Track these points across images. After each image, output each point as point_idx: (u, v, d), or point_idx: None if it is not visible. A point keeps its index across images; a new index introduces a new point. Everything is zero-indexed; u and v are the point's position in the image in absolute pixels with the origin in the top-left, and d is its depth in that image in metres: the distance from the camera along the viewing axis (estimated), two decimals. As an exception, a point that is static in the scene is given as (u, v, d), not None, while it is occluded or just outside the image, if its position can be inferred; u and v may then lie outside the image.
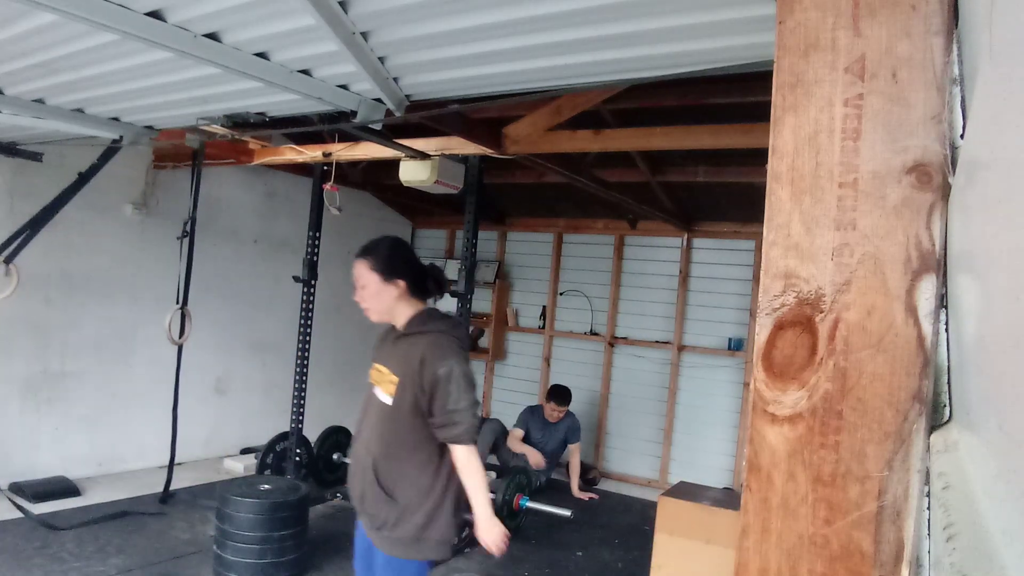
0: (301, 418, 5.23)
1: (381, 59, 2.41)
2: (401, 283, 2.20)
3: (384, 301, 2.21)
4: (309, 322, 5.27)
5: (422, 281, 2.28)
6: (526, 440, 5.90)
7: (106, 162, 4.26)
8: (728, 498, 3.28)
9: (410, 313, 2.24)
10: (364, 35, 2.20)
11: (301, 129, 3.45)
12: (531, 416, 5.97)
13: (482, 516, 2.16)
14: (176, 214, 5.06)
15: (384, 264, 2.21)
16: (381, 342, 2.40)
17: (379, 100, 2.80)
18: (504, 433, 5.99)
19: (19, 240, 4.20)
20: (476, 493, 2.17)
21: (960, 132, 0.71)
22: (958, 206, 0.69)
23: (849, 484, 0.74)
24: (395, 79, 2.61)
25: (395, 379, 2.18)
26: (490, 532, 2.16)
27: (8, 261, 4.20)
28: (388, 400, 2.19)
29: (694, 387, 6.43)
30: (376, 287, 2.20)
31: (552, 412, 5.88)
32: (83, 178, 4.31)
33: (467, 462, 2.15)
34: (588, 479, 6.36)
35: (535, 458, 5.79)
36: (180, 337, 4.51)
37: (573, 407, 6.94)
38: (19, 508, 4.26)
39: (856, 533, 0.73)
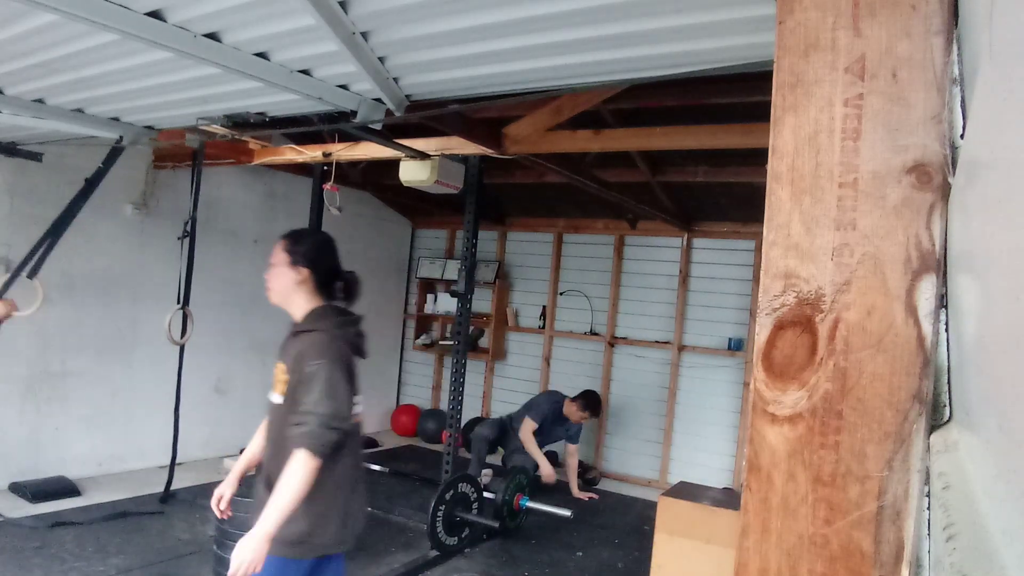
0: (301, 418, 5.22)
1: (381, 59, 2.42)
2: (304, 271, 2.16)
3: (283, 284, 2.18)
4: (309, 322, 5.26)
5: (330, 280, 2.23)
6: (537, 430, 5.74)
7: (111, 165, 4.24)
8: (728, 498, 3.28)
9: (307, 308, 2.19)
10: (364, 35, 2.20)
11: (301, 129, 3.45)
12: (551, 407, 5.78)
13: (260, 529, 1.92)
14: (176, 214, 5.07)
15: (297, 248, 2.19)
16: (284, 341, 2.32)
17: (379, 100, 2.80)
18: (502, 430, 5.93)
19: (39, 253, 4.16)
20: (276, 503, 1.93)
21: (960, 132, 0.71)
22: (958, 206, 0.69)
23: (849, 484, 0.74)
24: (395, 79, 2.62)
25: (286, 378, 2.13)
26: (250, 549, 1.91)
27: (32, 276, 4.16)
28: (279, 400, 2.12)
29: (694, 387, 6.43)
30: (281, 268, 2.19)
31: (581, 418, 5.79)
32: (91, 183, 4.28)
33: (293, 467, 1.94)
34: (588, 479, 6.36)
35: (547, 471, 5.66)
36: (181, 337, 4.51)
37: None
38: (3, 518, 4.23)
39: (856, 533, 0.73)
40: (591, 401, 5.80)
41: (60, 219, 4.17)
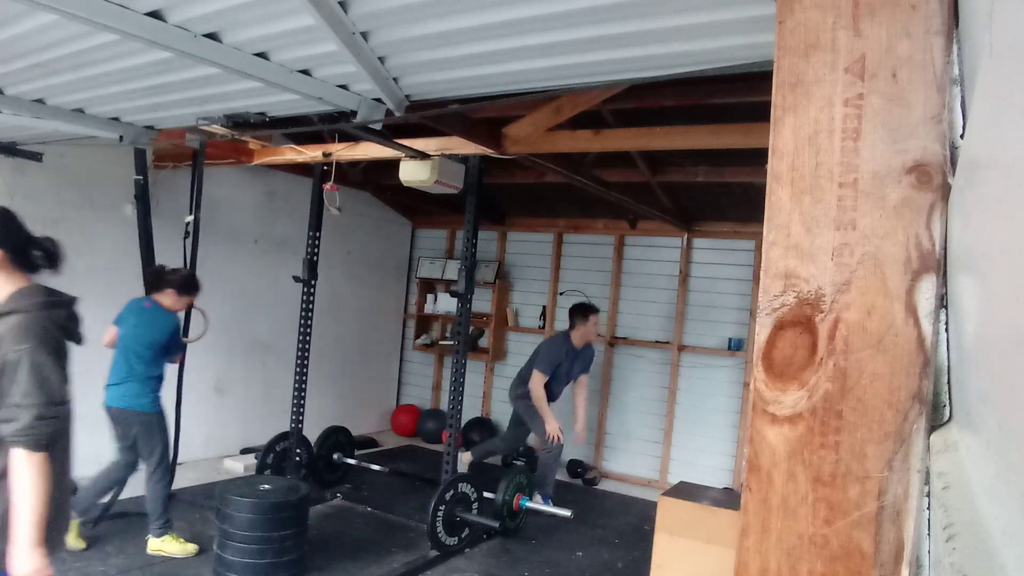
0: (301, 418, 5.23)
1: (381, 59, 2.42)
2: None
3: None
4: (309, 322, 5.27)
5: (24, 251, 1.98)
6: (552, 378, 5.35)
7: (146, 171, 4.31)
8: (728, 498, 3.28)
9: (10, 289, 1.92)
10: (364, 35, 2.20)
11: (301, 129, 3.45)
12: (560, 348, 5.42)
13: (20, 542, 1.77)
14: (176, 214, 5.06)
15: None
16: None
17: (379, 100, 2.80)
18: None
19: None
20: (22, 511, 1.77)
21: (960, 132, 0.71)
22: (958, 206, 0.69)
23: (849, 484, 0.74)
24: (395, 79, 2.62)
25: None
26: (24, 564, 1.76)
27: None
28: None
29: (694, 387, 6.43)
30: None
31: (595, 327, 5.44)
32: (142, 198, 4.35)
33: (19, 470, 1.77)
34: (588, 479, 6.37)
35: (552, 427, 5.16)
36: (186, 336, 4.52)
37: (572, 405, 6.91)
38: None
39: (856, 533, 0.73)
40: (585, 306, 5.51)
41: (142, 243, 4.27)
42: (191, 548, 3.99)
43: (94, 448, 5.17)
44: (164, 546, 3.96)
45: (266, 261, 6.37)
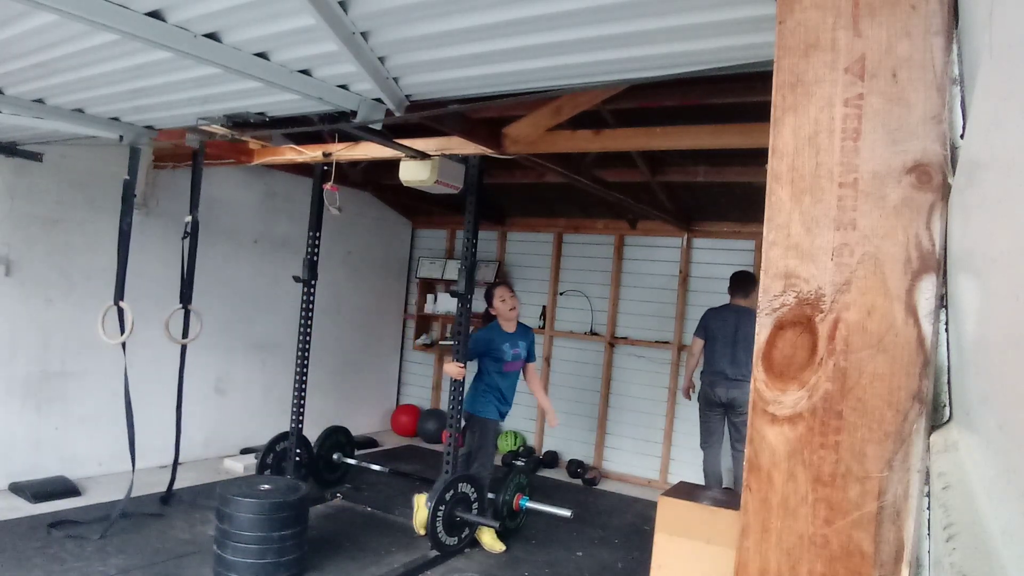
0: (301, 418, 5.23)
1: (381, 59, 2.42)
2: None
3: None
4: (309, 322, 5.26)
5: None
6: (713, 348, 5.28)
7: (136, 171, 4.29)
8: (728, 498, 3.28)
9: None
10: (364, 35, 2.20)
11: (301, 129, 3.45)
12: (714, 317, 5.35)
13: None
14: (176, 214, 5.06)
15: None
16: None
17: (379, 100, 2.80)
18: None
19: (118, 278, 4.34)
20: None
21: (960, 132, 0.71)
22: (958, 206, 0.69)
23: (849, 484, 0.74)
24: (395, 79, 2.62)
25: None
26: None
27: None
28: None
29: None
30: None
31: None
32: (126, 198, 4.34)
33: None
34: (588, 479, 6.37)
35: None
36: (185, 336, 4.51)
37: (573, 406, 6.89)
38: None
39: (856, 533, 0.73)
40: (742, 276, 5.36)
41: (120, 242, 4.26)
42: (499, 547, 4.49)
43: (94, 448, 5.19)
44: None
45: (266, 261, 6.36)
